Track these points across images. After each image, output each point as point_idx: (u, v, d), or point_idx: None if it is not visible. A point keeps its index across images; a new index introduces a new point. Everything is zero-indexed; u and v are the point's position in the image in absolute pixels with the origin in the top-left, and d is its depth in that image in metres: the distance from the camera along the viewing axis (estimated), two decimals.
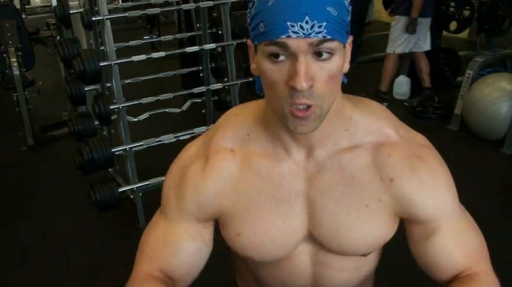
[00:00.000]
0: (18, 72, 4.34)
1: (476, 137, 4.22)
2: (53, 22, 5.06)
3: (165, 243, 0.99)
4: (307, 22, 0.75)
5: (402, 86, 5.16)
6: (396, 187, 0.91)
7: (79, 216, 3.44)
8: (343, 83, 0.87)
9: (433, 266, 0.96)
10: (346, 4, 0.81)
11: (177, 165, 1.00)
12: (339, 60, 0.80)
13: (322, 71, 0.78)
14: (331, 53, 0.78)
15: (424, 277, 1.02)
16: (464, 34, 5.92)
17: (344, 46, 0.81)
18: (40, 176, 4.08)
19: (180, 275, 0.99)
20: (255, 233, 0.94)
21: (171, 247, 0.98)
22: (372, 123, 0.93)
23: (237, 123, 0.97)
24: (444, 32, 5.36)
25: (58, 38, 4.48)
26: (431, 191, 0.91)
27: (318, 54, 0.77)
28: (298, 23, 0.75)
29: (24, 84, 4.44)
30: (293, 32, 0.75)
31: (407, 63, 5.20)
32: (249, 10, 0.83)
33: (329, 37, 0.76)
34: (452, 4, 5.08)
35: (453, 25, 5.22)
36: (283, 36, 0.76)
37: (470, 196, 1.01)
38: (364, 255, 0.97)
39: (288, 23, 0.75)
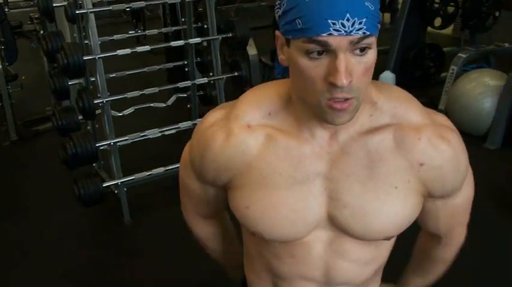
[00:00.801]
0: (0, 66, 4.29)
1: (460, 132, 4.19)
2: (36, 16, 4.99)
3: (203, 201, 1.12)
4: (348, 19, 0.75)
5: (388, 81, 5.18)
6: (425, 171, 0.93)
7: (63, 211, 3.41)
8: None
9: (436, 223, 1.07)
10: None
11: (197, 130, 1.02)
12: (374, 53, 0.82)
13: (359, 65, 0.79)
14: (368, 47, 0.79)
15: None
16: (448, 30, 5.96)
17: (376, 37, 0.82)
18: (23, 172, 4.04)
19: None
20: (265, 207, 0.94)
21: (205, 203, 1.13)
22: (396, 109, 0.93)
23: (262, 101, 0.96)
24: (429, 28, 5.40)
25: (41, 32, 4.42)
26: (453, 173, 0.95)
27: (356, 50, 0.78)
28: (340, 21, 0.75)
29: (7, 79, 4.40)
30: (335, 30, 0.75)
31: (392, 58, 5.23)
32: (280, 1, 0.82)
33: (368, 33, 0.77)
34: (437, 0, 5.11)
35: (438, 21, 5.25)
36: (324, 34, 0.76)
37: None
38: (387, 239, 0.99)
39: (329, 21, 0.75)
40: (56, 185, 3.70)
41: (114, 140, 3.15)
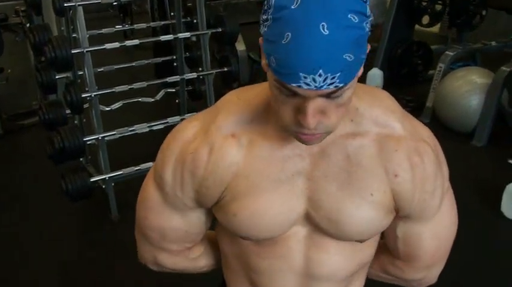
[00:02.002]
0: None
1: (447, 129, 4.29)
2: (22, 9, 4.92)
3: (186, 233, 1.06)
4: (320, 75, 0.72)
5: (375, 78, 5.20)
6: (398, 183, 0.92)
7: (49, 206, 3.38)
8: None
9: (394, 243, 1.05)
10: (367, 29, 0.76)
11: (175, 147, 0.96)
12: (350, 91, 0.79)
13: (332, 104, 0.78)
14: (342, 93, 0.77)
15: None
16: (435, 28, 5.99)
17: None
18: (9, 166, 3.99)
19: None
20: (253, 213, 0.93)
21: (190, 237, 1.07)
22: (378, 115, 0.92)
23: (241, 108, 0.94)
24: (416, 26, 5.42)
25: (28, 25, 4.37)
26: (420, 192, 0.94)
27: (328, 97, 0.77)
28: (311, 76, 0.72)
29: None
30: (305, 83, 0.73)
31: (380, 55, 5.25)
32: (265, 19, 0.77)
33: (341, 85, 0.75)
34: None
35: (425, 19, 5.29)
36: (293, 85, 0.74)
37: None
38: (360, 241, 0.98)
39: (301, 74, 0.72)
40: (42, 180, 3.66)
41: (102, 135, 3.12)
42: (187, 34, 3.63)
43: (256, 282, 1.06)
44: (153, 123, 3.27)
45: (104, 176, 3.15)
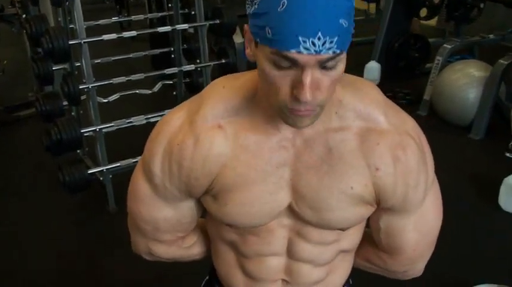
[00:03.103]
0: None
1: (445, 122, 4.30)
2: (18, 0, 4.89)
3: (178, 223, 1.06)
4: (319, 38, 0.72)
5: (373, 71, 5.20)
6: (380, 177, 0.92)
7: (47, 198, 3.37)
8: None
9: (377, 234, 1.05)
10: (353, 6, 0.78)
11: (162, 138, 0.96)
12: (343, 66, 0.80)
13: (326, 78, 0.78)
14: (337, 62, 0.78)
15: None
16: (432, 22, 5.99)
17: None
18: (5, 158, 3.98)
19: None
20: (242, 204, 0.94)
21: (183, 226, 1.08)
22: (361, 109, 0.92)
23: (226, 97, 0.93)
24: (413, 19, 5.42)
25: (24, 16, 4.33)
26: (402, 186, 0.94)
27: (324, 66, 0.77)
28: (311, 39, 0.72)
29: None
30: (304, 48, 0.73)
31: (377, 48, 5.24)
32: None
33: (338, 51, 0.75)
34: None
35: (423, 12, 5.28)
36: (292, 51, 0.74)
37: (438, 180, 1.04)
38: (342, 230, 1.00)
39: (300, 38, 0.73)
40: (39, 172, 3.65)
41: (100, 127, 3.11)
42: (185, 26, 3.61)
43: (244, 265, 1.08)
44: (150, 116, 3.26)
45: (101, 168, 3.14)
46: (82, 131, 3.01)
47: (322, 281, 1.09)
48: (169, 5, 4.01)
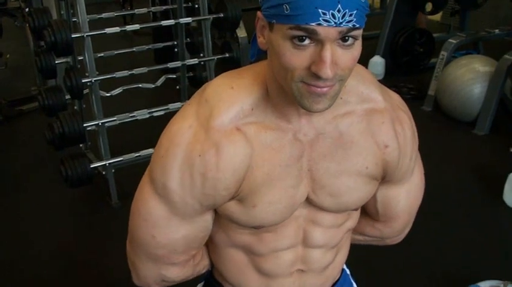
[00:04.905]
0: None
1: (449, 118, 4.27)
2: None
3: (194, 239, 1.00)
4: (339, 10, 0.72)
5: (377, 66, 5.18)
6: (389, 153, 0.97)
7: (49, 192, 3.36)
8: None
9: (374, 206, 1.10)
10: None
11: (178, 151, 0.89)
12: (360, 44, 0.80)
13: (345, 56, 0.78)
14: (355, 39, 0.77)
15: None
16: (437, 16, 5.96)
17: None
18: (8, 151, 3.98)
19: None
20: (271, 203, 0.93)
21: (198, 241, 1.02)
22: (363, 91, 0.95)
23: (239, 98, 0.89)
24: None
25: (27, 10, 4.32)
26: (404, 157, 1.00)
27: (344, 41, 0.76)
28: (330, 11, 0.72)
29: None
30: (324, 20, 0.73)
31: (382, 43, 5.22)
32: None
33: (358, 25, 0.75)
34: None
35: (428, 6, 5.25)
36: (313, 24, 0.73)
37: (443, 176, 1.06)
38: (355, 210, 1.06)
39: (320, 10, 0.72)
40: (41, 166, 3.65)
41: (102, 121, 3.10)
42: (188, 19, 3.59)
43: (259, 265, 1.06)
44: (153, 110, 3.25)
45: (104, 162, 3.13)
46: (85, 125, 3.00)
47: (332, 262, 1.11)
48: None
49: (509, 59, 3.91)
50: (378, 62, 5.20)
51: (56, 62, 3.24)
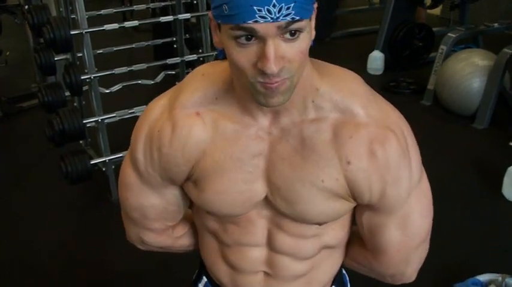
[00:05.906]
0: None
1: (449, 112, 4.28)
2: None
3: (164, 210, 1.07)
4: (274, 5, 0.72)
5: (377, 61, 5.18)
6: (352, 171, 0.90)
7: (49, 188, 3.37)
8: (311, 47, 0.85)
9: (362, 231, 1.02)
10: None
11: (145, 125, 0.98)
12: (307, 36, 0.79)
13: (291, 49, 0.77)
14: (299, 31, 0.77)
15: None
16: (437, 11, 5.95)
17: (310, 19, 0.80)
18: (8, 149, 3.99)
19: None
20: (218, 192, 0.95)
21: (170, 214, 1.09)
22: (338, 100, 0.90)
23: (205, 85, 0.94)
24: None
25: (26, 7, 4.32)
26: (379, 182, 0.91)
27: (287, 34, 0.76)
28: (266, 7, 0.72)
29: None
30: (260, 16, 0.73)
31: (381, 37, 5.21)
32: None
33: (297, 18, 0.75)
34: None
35: (428, 1, 5.25)
36: (250, 22, 0.74)
37: (442, 170, 1.02)
38: (318, 224, 0.98)
39: (255, 8, 0.73)
40: (41, 163, 3.65)
41: (102, 117, 3.11)
42: (187, 15, 3.59)
43: (226, 255, 1.08)
44: None
45: (104, 159, 3.14)
46: (84, 121, 3.01)
47: (304, 276, 1.07)
48: None
49: (508, 53, 3.91)
50: (377, 56, 5.20)
51: (55, 58, 3.24)
